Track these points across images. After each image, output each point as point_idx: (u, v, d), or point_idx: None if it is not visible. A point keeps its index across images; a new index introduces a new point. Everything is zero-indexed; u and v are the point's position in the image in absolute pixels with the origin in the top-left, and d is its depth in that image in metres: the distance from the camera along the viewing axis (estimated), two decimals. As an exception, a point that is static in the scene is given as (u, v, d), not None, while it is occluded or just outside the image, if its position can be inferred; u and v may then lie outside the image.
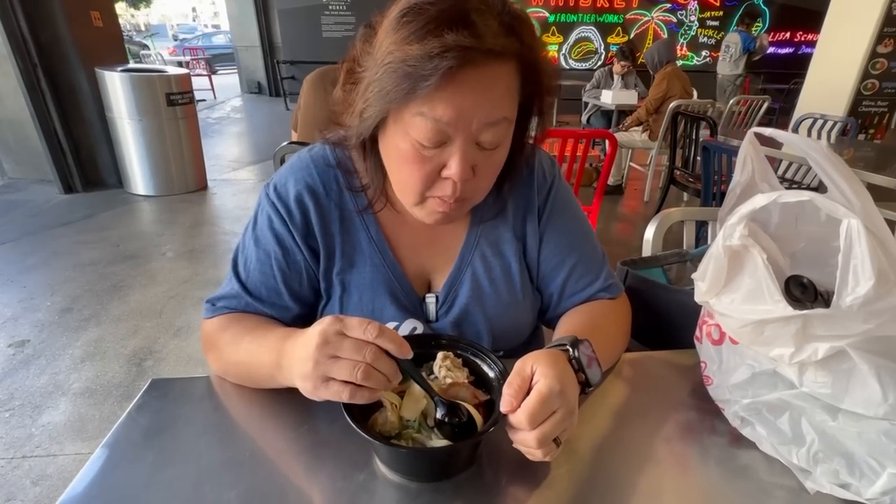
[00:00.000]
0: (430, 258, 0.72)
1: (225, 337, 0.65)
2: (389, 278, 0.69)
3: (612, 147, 2.26)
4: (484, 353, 0.57)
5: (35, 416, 1.72)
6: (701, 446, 0.59)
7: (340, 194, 0.68)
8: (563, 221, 0.74)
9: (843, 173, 0.55)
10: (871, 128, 4.10)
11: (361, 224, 0.69)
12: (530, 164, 0.72)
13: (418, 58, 0.48)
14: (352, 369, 0.45)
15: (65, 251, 2.97)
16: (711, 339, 0.60)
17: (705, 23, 8.89)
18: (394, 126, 0.55)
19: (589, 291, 0.73)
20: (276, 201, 0.67)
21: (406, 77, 0.49)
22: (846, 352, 0.44)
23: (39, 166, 3.89)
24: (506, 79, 0.53)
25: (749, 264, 0.48)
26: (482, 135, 0.54)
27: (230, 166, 5.02)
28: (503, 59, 0.52)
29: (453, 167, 0.54)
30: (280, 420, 0.60)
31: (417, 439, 0.50)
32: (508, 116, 0.56)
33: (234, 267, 0.69)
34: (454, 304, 0.71)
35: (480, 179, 0.58)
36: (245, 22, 9.74)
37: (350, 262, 0.69)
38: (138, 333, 2.21)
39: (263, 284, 0.68)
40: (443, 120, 0.51)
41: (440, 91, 0.49)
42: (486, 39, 0.49)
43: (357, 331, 0.46)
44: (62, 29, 3.62)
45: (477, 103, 0.51)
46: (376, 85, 0.52)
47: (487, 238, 0.72)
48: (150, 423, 0.59)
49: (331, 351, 0.46)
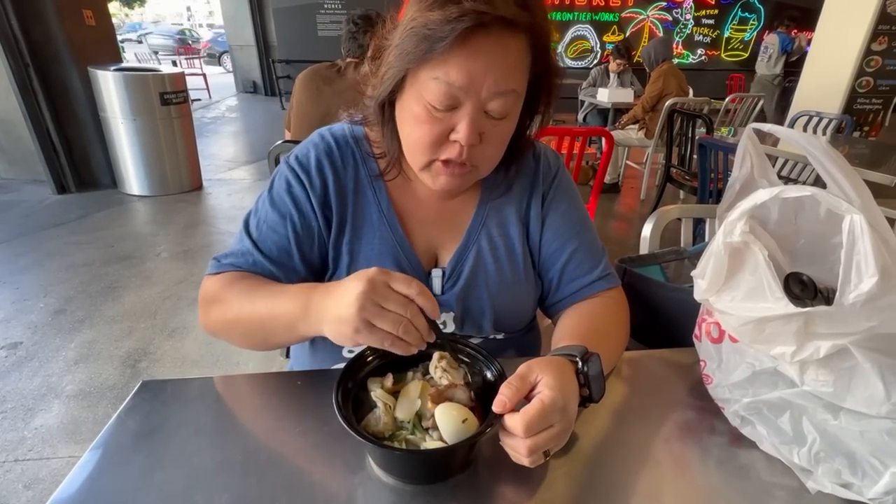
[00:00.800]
0: (438, 233, 0.74)
1: (233, 291, 0.65)
2: (397, 250, 0.71)
3: (608, 145, 2.25)
4: (482, 355, 0.56)
5: (28, 419, 1.70)
6: (701, 446, 0.58)
7: (356, 168, 0.72)
8: (564, 207, 0.76)
9: (843, 169, 0.54)
10: (865, 125, 4.12)
11: (373, 197, 0.71)
12: (537, 154, 0.77)
13: (437, 21, 0.52)
14: (396, 323, 0.48)
15: (58, 252, 2.95)
16: (711, 337, 0.59)
17: (700, 21, 8.91)
18: (410, 89, 0.60)
19: (587, 279, 0.74)
20: (296, 167, 0.70)
21: (425, 39, 0.54)
22: (849, 350, 0.44)
23: (32, 167, 3.86)
24: (517, 52, 0.57)
25: (750, 261, 0.47)
26: (491, 103, 0.57)
27: (226, 166, 4.99)
28: (515, 30, 0.55)
29: (462, 130, 0.58)
30: (272, 422, 0.59)
31: (412, 441, 0.49)
32: (517, 89, 0.59)
33: (245, 227, 0.71)
34: (459, 279, 0.72)
35: (487, 147, 0.62)
36: (240, 21, 9.68)
37: (360, 233, 0.71)
38: (132, 335, 2.19)
39: (276, 244, 0.69)
40: (455, 84, 0.55)
41: (454, 54, 0.54)
42: (500, 7, 0.53)
43: (402, 285, 0.49)
44: (54, 28, 3.59)
45: (488, 70, 0.55)
46: (398, 48, 0.57)
47: (494, 218, 0.74)
48: (140, 425, 0.58)
49: (378, 299, 0.48)
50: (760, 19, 8.95)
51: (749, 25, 9.02)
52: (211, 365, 2.00)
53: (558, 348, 0.58)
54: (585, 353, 0.54)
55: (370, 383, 0.51)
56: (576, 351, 0.54)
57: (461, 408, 0.50)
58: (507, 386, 0.48)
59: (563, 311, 0.76)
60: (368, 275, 0.49)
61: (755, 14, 8.92)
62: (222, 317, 0.65)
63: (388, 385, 0.51)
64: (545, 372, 0.49)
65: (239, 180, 4.53)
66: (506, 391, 0.47)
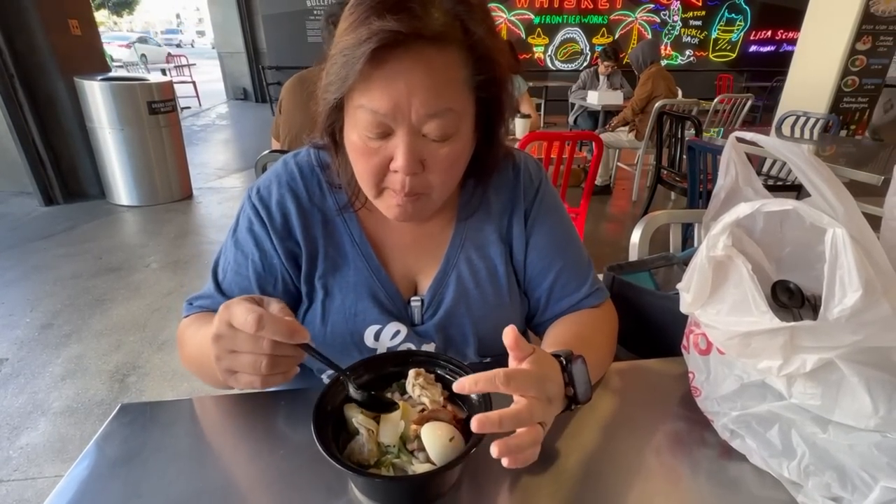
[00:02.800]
0: (415, 260, 0.71)
1: (188, 333, 0.66)
2: (373, 281, 0.68)
3: (597, 149, 2.25)
4: (463, 369, 0.55)
5: (13, 438, 1.67)
6: (691, 459, 0.57)
7: (323, 199, 0.68)
8: (549, 226, 0.73)
9: (825, 178, 0.54)
10: (852, 124, 4.16)
11: (344, 227, 0.68)
12: (517, 166, 0.73)
13: (351, 46, 0.49)
14: (254, 363, 0.45)
15: (45, 265, 2.91)
16: (699, 348, 0.58)
17: (688, 23, 9.00)
18: (347, 120, 0.57)
19: (576, 297, 0.73)
20: (257, 204, 0.67)
21: (343, 66, 0.50)
22: (835, 363, 0.43)
23: (18, 178, 3.81)
24: (445, 67, 0.51)
25: (734, 275, 0.47)
26: (425, 126, 0.53)
27: (216, 174, 4.96)
28: (440, 45, 0.50)
29: (399, 159, 0.54)
30: (254, 445, 0.57)
31: (398, 465, 0.48)
32: (453, 108, 0.53)
33: (214, 268, 0.70)
34: (440, 308, 0.70)
35: (432, 174, 0.57)
36: (229, 28, 9.66)
37: (334, 266, 0.68)
38: (121, 348, 2.16)
39: (238, 285, 0.68)
40: (380, 111, 0.51)
41: (373, 79, 0.50)
42: (416, 22, 0.48)
43: (240, 320, 0.44)
44: (39, 38, 3.55)
45: (412, 91, 0.50)
46: (326, 77, 0.54)
47: (473, 240, 0.71)
48: (117, 452, 0.56)
49: (227, 345, 0.46)
50: (747, 20, 9.05)
51: (736, 26, 9.12)
52: (201, 378, 1.98)
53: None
54: (570, 354, 0.53)
55: (348, 409, 0.50)
56: (560, 352, 0.54)
57: (447, 426, 0.49)
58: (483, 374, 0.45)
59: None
60: (216, 318, 0.46)
61: (741, 15, 9.02)
62: (183, 359, 0.67)
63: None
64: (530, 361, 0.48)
65: (230, 188, 4.50)
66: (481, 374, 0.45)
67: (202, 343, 0.58)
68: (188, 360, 0.66)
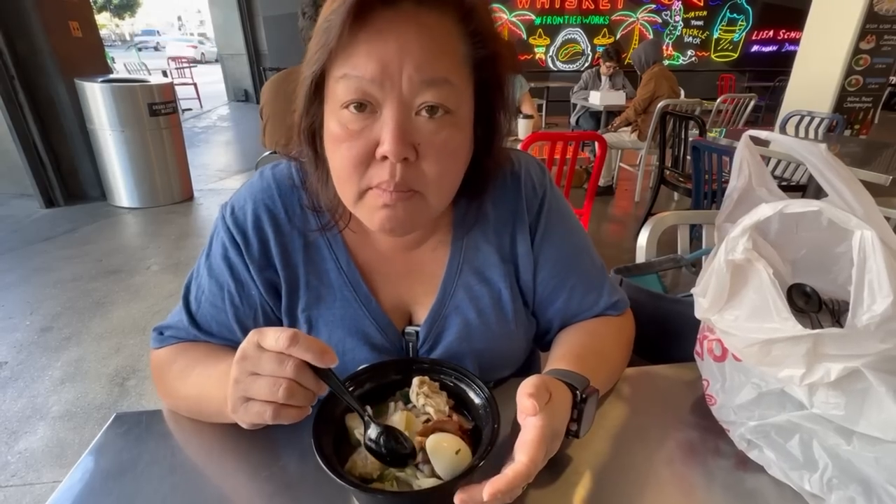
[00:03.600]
0: (408, 288, 0.64)
1: (173, 370, 0.60)
2: (362, 313, 0.61)
3: (601, 149, 2.23)
4: (469, 377, 0.53)
5: (11, 443, 1.65)
6: (705, 469, 0.55)
7: (304, 219, 0.61)
8: (558, 239, 0.66)
9: (844, 179, 0.52)
10: (856, 123, 4.14)
11: (329, 252, 0.61)
12: (516, 173, 0.64)
13: (330, 14, 0.44)
14: (272, 387, 0.42)
15: (45, 267, 2.89)
16: (713, 355, 0.56)
17: (690, 23, 8.98)
18: (327, 107, 0.49)
19: (594, 311, 0.68)
20: (232, 227, 0.60)
21: (323, 34, 0.44)
22: (861, 372, 0.41)
23: (19, 180, 3.80)
24: (442, 34, 0.46)
25: (754, 279, 0.45)
26: (419, 97, 0.45)
27: (217, 175, 4.95)
28: (436, 9, 0.45)
29: (386, 139, 0.45)
30: (252, 457, 0.55)
31: (402, 479, 0.46)
32: (451, 79, 0.46)
33: (185, 296, 0.63)
34: (438, 343, 0.63)
35: (426, 163, 0.48)
36: (230, 30, 9.66)
37: (317, 296, 0.61)
38: (121, 351, 2.14)
39: (214, 319, 0.61)
40: (365, 76, 0.44)
41: (358, 41, 0.44)
42: None
43: (271, 339, 0.41)
44: (40, 40, 3.54)
45: (404, 52, 0.44)
46: (306, 60, 0.48)
47: (471, 263, 0.63)
48: (110, 464, 0.54)
49: (250, 367, 0.43)
50: (749, 20, 9.02)
51: (738, 26, 9.09)
52: (201, 381, 1.96)
53: (560, 371, 0.55)
54: (587, 387, 0.51)
55: (349, 420, 0.48)
56: (577, 382, 0.51)
57: (453, 438, 0.47)
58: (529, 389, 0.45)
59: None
60: (246, 340, 0.43)
61: (743, 15, 8.99)
62: (169, 397, 0.61)
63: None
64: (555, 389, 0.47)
65: (231, 189, 4.46)
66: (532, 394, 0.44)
67: (205, 384, 0.55)
68: (179, 399, 0.60)
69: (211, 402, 0.53)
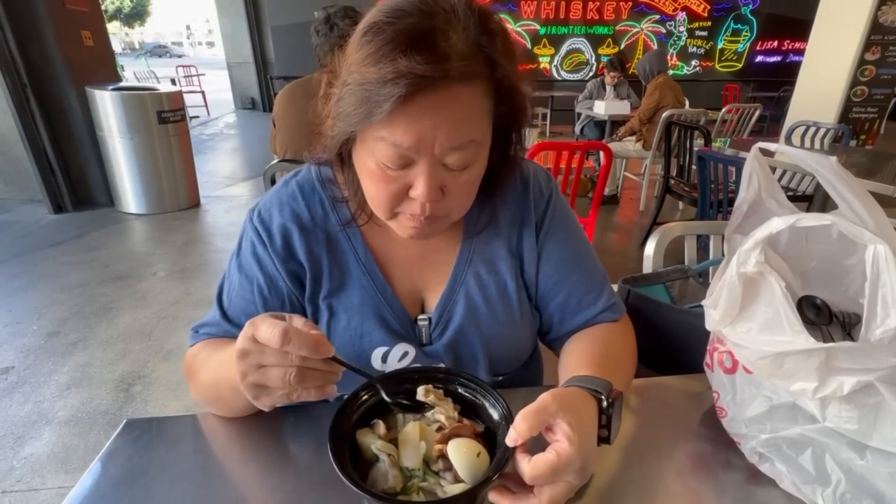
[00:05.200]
0: (421, 276, 0.69)
1: (198, 361, 0.65)
2: (379, 301, 0.66)
3: (607, 159, 2.24)
4: (486, 389, 0.53)
5: (17, 448, 1.66)
6: (716, 483, 0.55)
7: (326, 218, 0.67)
8: (562, 238, 0.71)
9: (855, 191, 0.52)
10: (862, 133, 4.13)
11: (349, 245, 0.67)
12: (525, 178, 0.71)
13: (373, 82, 0.47)
14: (283, 376, 0.44)
15: (53, 273, 2.92)
16: (724, 367, 0.56)
17: (694, 33, 9.01)
18: (361, 145, 0.55)
19: (592, 310, 0.70)
20: (258, 227, 0.66)
21: (364, 101, 0.48)
22: (874, 386, 0.41)
23: (29, 186, 3.84)
24: (471, 101, 0.51)
25: (766, 292, 0.45)
26: (448, 157, 0.52)
27: (223, 182, 4.98)
28: (467, 81, 0.49)
29: (419, 189, 0.53)
30: (263, 463, 0.56)
31: (426, 488, 0.45)
32: (476, 139, 0.53)
33: (219, 294, 0.69)
34: (448, 327, 0.67)
35: (451, 199, 0.56)
36: (238, 39, 9.78)
37: (338, 285, 0.66)
38: (127, 357, 2.15)
39: (244, 311, 0.66)
40: (403, 145, 0.50)
41: (397, 117, 0.48)
42: (445, 64, 0.46)
43: (265, 334, 0.43)
44: (52, 48, 3.60)
45: (437, 127, 0.49)
46: (340, 105, 0.52)
47: (481, 255, 0.69)
48: (122, 470, 0.55)
49: (254, 360, 0.45)
50: (753, 31, 9.06)
51: (742, 37, 9.12)
52: (206, 387, 1.96)
53: (579, 378, 0.54)
54: (611, 391, 0.50)
55: (360, 435, 0.48)
56: (601, 387, 0.51)
57: (472, 442, 0.47)
58: (522, 418, 0.44)
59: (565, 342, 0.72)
60: (241, 335, 0.46)
61: (747, 25, 9.03)
62: (195, 389, 0.65)
63: (382, 432, 0.47)
64: (567, 411, 0.45)
65: (237, 196, 4.52)
66: (521, 425, 0.43)
67: (219, 368, 0.57)
68: (202, 389, 0.63)
69: (226, 382, 0.55)
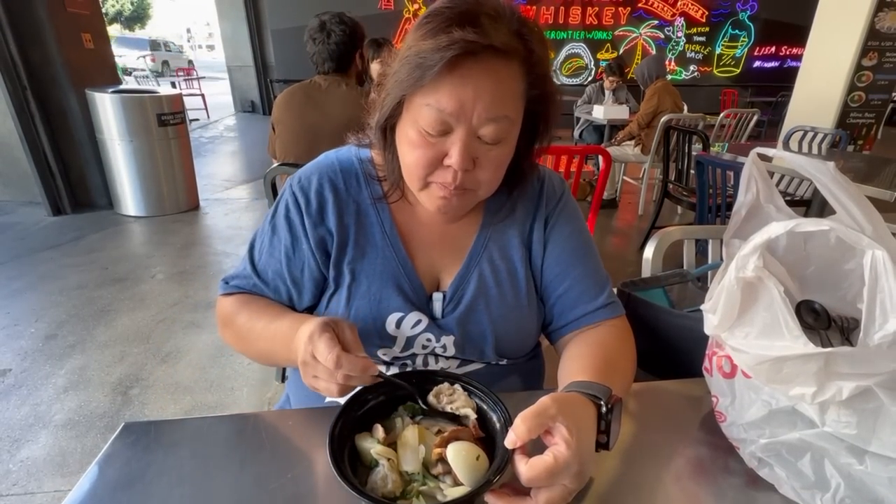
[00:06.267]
0: (440, 256, 0.74)
1: (238, 321, 0.72)
2: (399, 271, 0.71)
3: (606, 163, 2.24)
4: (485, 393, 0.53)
5: (13, 451, 1.65)
6: (715, 488, 0.55)
7: (360, 191, 0.73)
8: (567, 233, 0.75)
9: (853, 197, 0.52)
10: (859, 139, 4.15)
11: (377, 218, 0.72)
12: (541, 178, 0.77)
13: (429, 50, 0.54)
14: (330, 385, 0.53)
15: (51, 275, 2.91)
16: (723, 371, 0.56)
17: (692, 38, 9.07)
18: (407, 115, 0.61)
19: (590, 306, 0.72)
20: (297, 191, 0.72)
21: (417, 67, 0.55)
22: (873, 391, 0.41)
23: (28, 188, 3.84)
24: (509, 78, 0.58)
25: (764, 297, 0.45)
26: (483, 128, 0.58)
27: (223, 185, 4.98)
28: (506, 57, 0.56)
29: (454, 156, 0.58)
30: (261, 468, 0.55)
31: (426, 492, 0.45)
32: (510, 115, 0.59)
33: (250, 248, 0.76)
34: (460, 302, 0.72)
35: (481, 172, 0.62)
36: (238, 42, 9.80)
37: (362, 252, 0.72)
38: (125, 360, 2.14)
39: (270, 268, 0.73)
40: (446, 111, 0.56)
41: (444, 82, 0.55)
42: (490, 36, 0.54)
43: (321, 355, 0.51)
44: (52, 51, 3.61)
45: (478, 96, 0.56)
46: (396, 76, 0.59)
47: (496, 241, 0.74)
48: (119, 475, 0.54)
49: (310, 371, 0.54)
50: (751, 36, 9.11)
51: (740, 42, 9.18)
52: (204, 391, 1.95)
53: (579, 383, 0.55)
54: (610, 396, 0.51)
55: (360, 439, 0.48)
56: (600, 393, 0.52)
57: (471, 445, 0.47)
58: (522, 421, 0.45)
59: (565, 336, 0.74)
60: (302, 348, 0.54)
61: (745, 31, 9.09)
62: (236, 341, 0.73)
63: (381, 436, 0.47)
64: (566, 416, 0.46)
65: (236, 199, 4.52)
66: (520, 428, 0.45)
67: (273, 342, 0.66)
68: (245, 344, 0.72)
69: (278, 357, 0.69)
